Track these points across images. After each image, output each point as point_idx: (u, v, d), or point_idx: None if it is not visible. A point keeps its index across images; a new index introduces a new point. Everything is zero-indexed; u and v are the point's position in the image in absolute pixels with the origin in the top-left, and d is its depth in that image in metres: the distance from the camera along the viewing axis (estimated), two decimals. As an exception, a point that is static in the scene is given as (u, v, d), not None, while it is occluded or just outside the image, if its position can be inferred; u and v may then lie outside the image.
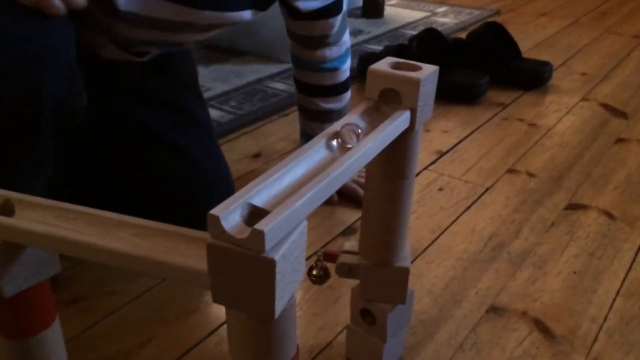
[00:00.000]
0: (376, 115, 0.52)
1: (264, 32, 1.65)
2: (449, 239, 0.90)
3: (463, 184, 1.06)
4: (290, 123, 1.30)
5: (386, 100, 0.53)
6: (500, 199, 1.01)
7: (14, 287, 0.47)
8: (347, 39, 0.95)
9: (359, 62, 1.55)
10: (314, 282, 0.65)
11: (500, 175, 1.09)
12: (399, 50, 1.50)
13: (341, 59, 0.95)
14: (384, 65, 0.53)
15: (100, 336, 0.71)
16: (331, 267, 0.62)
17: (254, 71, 1.59)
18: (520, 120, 1.32)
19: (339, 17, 0.90)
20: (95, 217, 0.45)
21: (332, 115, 0.99)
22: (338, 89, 0.98)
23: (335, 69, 0.95)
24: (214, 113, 1.32)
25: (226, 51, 1.73)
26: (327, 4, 0.86)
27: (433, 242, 0.90)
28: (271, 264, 0.35)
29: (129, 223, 0.44)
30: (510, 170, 1.11)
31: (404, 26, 2.06)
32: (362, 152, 0.45)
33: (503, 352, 0.69)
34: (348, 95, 1.00)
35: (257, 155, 1.16)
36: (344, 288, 0.80)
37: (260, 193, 0.39)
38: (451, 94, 1.40)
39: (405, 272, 0.60)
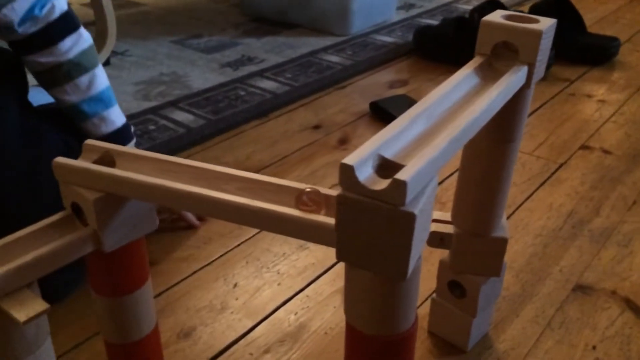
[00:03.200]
0: (489, 71, 0.48)
1: (317, 5, 1.62)
2: (525, 215, 0.87)
3: (535, 160, 1.01)
4: (347, 95, 1.27)
5: (497, 57, 0.49)
6: (576, 175, 0.97)
7: (114, 241, 0.45)
8: None
9: (414, 36, 1.50)
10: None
11: (573, 152, 1.04)
12: (458, 23, 1.45)
13: None
14: (497, 17, 0.49)
15: (176, 299, 0.71)
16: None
17: (306, 43, 1.55)
18: (589, 96, 1.26)
19: None
20: (200, 169, 0.43)
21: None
22: None
23: None
24: (269, 84, 1.30)
25: (277, 24, 1.70)
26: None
27: (508, 217, 0.86)
28: (410, 219, 0.33)
29: (236, 176, 0.42)
30: (584, 147, 1.06)
31: (457, 0, 1.99)
32: (483, 110, 0.41)
33: (594, 331, 0.66)
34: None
35: (317, 127, 1.13)
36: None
37: (388, 145, 0.36)
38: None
39: (503, 242, 0.57)
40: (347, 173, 0.33)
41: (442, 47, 1.43)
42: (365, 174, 0.34)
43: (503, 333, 0.66)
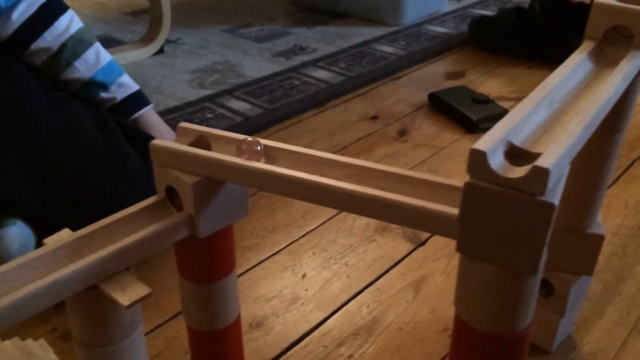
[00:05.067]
0: (601, 57, 0.45)
1: (368, -6, 1.59)
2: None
3: (606, 155, 0.97)
4: (403, 86, 1.24)
5: (608, 41, 0.46)
6: (652, 172, 0.92)
7: (209, 227, 0.44)
8: None
9: (470, 27, 1.46)
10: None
11: (646, 148, 0.99)
12: (517, 13, 1.40)
13: None
14: None
15: (244, 288, 0.70)
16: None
17: (358, 33, 1.53)
18: (658, 90, 1.21)
19: None
20: (301, 155, 0.42)
21: None
22: None
23: None
24: (323, 74, 1.28)
25: (327, 13, 1.68)
26: None
27: (582, 214, 0.82)
28: (550, 209, 0.30)
29: (342, 163, 0.40)
30: (658, 143, 1.01)
31: (509, -9, 1.94)
32: (611, 96, 0.39)
33: (685, 336, 0.63)
34: None
35: (374, 118, 1.11)
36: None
37: (515, 132, 0.34)
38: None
39: (599, 239, 0.54)
40: (478, 160, 0.31)
41: (500, 38, 1.39)
42: (497, 162, 0.32)
43: (587, 334, 0.63)
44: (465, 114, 1.07)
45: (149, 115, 0.84)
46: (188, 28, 1.56)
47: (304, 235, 0.79)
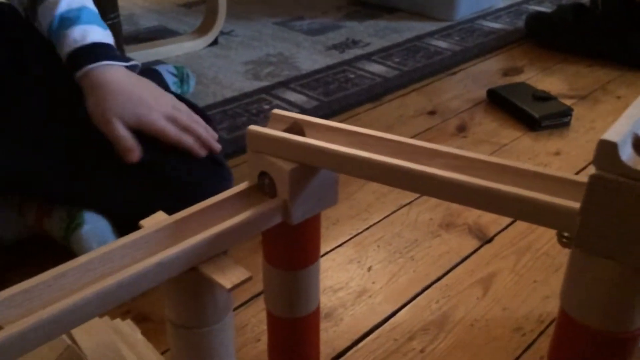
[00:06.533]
0: None
1: (421, -12, 1.57)
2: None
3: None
4: (460, 82, 1.22)
5: None
6: None
7: (301, 214, 0.44)
8: None
9: (527, 23, 1.43)
10: (564, 245, 0.59)
11: None
12: (577, 10, 1.37)
13: None
14: None
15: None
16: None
17: (410, 28, 1.51)
18: None
19: None
20: (397, 143, 0.41)
21: None
22: None
23: None
24: (377, 68, 1.27)
25: (378, 7, 1.66)
26: None
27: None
28: (686, 205, 0.29)
29: (441, 152, 0.40)
30: None
31: (564, -13, 1.89)
32: None
33: None
34: None
35: (432, 113, 1.10)
36: (562, 256, 0.73)
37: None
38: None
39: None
40: (607, 151, 0.30)
41: (559, 34, 1.35)
42: (626, 154, 0.31)
43: (668, 339, 0.61)
44: (527, 111, 1.04)
45: (112, 72, 0.68)
46: (240, 20, 1.57)
47: (367, 228, 0.79)
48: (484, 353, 0.60)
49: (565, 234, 0.62)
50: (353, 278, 0.70)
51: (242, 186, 0.45)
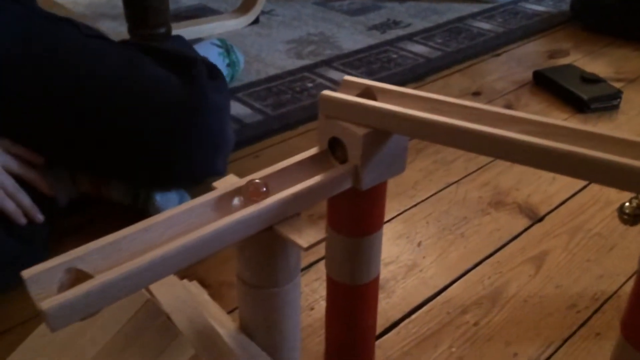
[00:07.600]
0: None
1: (463, -31, 1.55)
2: None
3: None
4: (504, 63, 1.21)
5: None
6: None
7: (371, 180, 0.45)
8: None
9: (573, 6, 1.40)
10: (625, 222, 0.58)
11: None
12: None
13: None
14: None
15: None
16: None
17: (451, 9, 1.50)
18: None
19: None
20: (473, 109, 0.41)
21: None
22: None
23: None
24: (420, 48, 1.26)
25: (418, -12, 1.65)
26: None
27: None
28: None
29: (520, 118, 0.40)
30: None
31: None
32: None
33: None
34: None
35: (476, 94, 1.09)
36: (615, 237, 0.72)
37: None
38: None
39: None
40: None
41: (606, 18, 1.32)
42: None
43: None
44: (576, 92, 1.03)
45: None
46: (280, 0, 1.58)
47: (415, 205, 0.79)
48: (539, 328, 0.60)
49: (627, 211, 0.62)
50: (403, 252, 0.71)
51: (312, 151, 0.46)
